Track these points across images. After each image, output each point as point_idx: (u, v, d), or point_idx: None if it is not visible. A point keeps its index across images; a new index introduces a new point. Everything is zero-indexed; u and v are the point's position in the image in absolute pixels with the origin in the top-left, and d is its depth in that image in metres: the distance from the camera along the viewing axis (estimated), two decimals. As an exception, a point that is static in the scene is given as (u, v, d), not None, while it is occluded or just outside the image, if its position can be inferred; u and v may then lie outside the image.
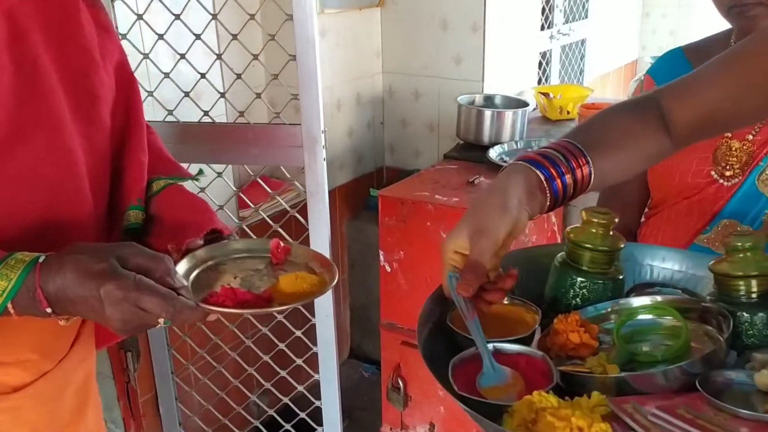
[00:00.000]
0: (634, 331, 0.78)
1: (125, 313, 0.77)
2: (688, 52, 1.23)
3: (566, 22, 3.44)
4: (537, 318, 0.81)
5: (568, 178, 0.78)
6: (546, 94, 2.68)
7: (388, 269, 2.08)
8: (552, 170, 0.77)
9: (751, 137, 1.12)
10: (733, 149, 1.13)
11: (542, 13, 3.09)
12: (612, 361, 0.72)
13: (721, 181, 1.15)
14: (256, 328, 2.00)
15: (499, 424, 0.64)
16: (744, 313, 0.75)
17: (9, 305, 0.77)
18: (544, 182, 0.77)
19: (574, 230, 0.87)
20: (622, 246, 0.86)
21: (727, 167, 1.13)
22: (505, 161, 2.22)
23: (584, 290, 0.86)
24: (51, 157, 0.87)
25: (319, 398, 2.00)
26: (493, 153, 2.23)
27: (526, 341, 0.78)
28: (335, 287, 1.16)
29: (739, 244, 0.76)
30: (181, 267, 0.88)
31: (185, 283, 0.83)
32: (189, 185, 1.72)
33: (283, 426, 2.07)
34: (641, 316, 0.79)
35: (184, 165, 1.75)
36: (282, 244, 0.96)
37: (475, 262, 0.75)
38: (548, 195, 0.78)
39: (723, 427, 0.54)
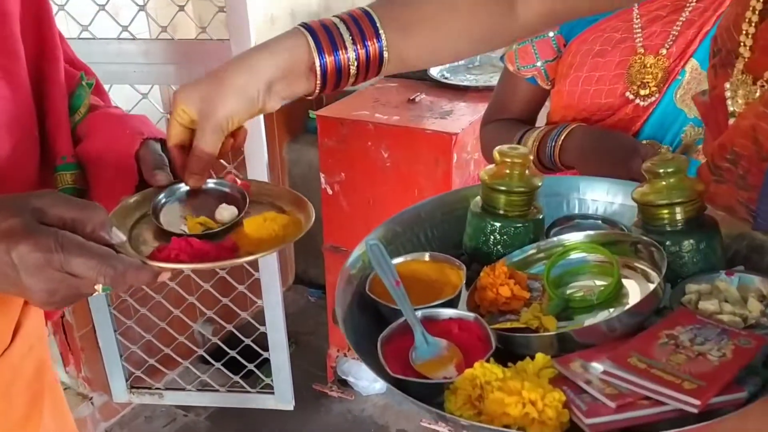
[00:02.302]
0: (563, 273, 0.73)
1: (50, 281, 0.60)
2: None
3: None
4: (462, 275, 0.74)
5: (343, 55, 0.68)
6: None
7: (330, 192, 2.03)
8: (325, 44, 0.67)
9: (665, 51, 1.06)
10: (648, 66, 1.06)
11: None
12: (547, 312, 0.67)
13: (637, 100, 1.08)
14: (194, 257, 1.94)
15: (440, 404, 0.58)
16: (671, 242, 0.71)
17: None
18: (316, 57, 0.67)
19: (488, 172, 0.80)
20: (540, 184, 0.79)
21: (643, 85, 1.07)
22: (446, 77, 2.17)
23: (505, 236, 0.79)
24: None
25: (264, 324, 1.98)
26: (434, 70, 2.17)
27: (453, 302, 0.71)
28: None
29: (662, 170, 0.70)
30: (118, 217, 0.71)
31: (124, 238, 0.65)
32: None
33: (229, 353, 2.05)
34: (569, 257, 0.74)
35: (105, 87, 1.65)
36: (238, 180, 0.79)
37: (200, 152, 0.69)
38: (317, 75, 0.68)
39: (676, 374, 0.52)
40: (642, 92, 1.07)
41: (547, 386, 0.54)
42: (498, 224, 0.79)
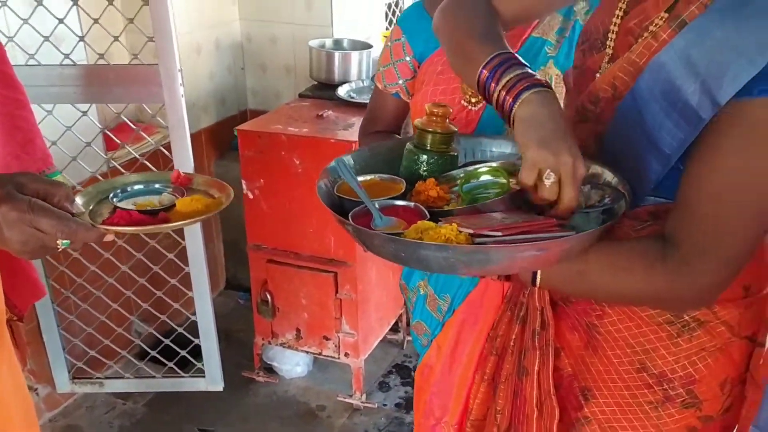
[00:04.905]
0: (474, 187, 1.02)
1: (23, 234, 0.80)
2: (426, 2, 1.47)
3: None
4: (403, 184, 1.01)
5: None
6: (391, 38, 2.97)
7: (251, 196, 2.32)
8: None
9: None
10: None
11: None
12: (461, 205, 0.97)
13: (469, 107, 1.35)
14: (131, 256, 2.20)
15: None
16: None
17: None
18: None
19: (421, 120, 1.09)
20: (455, 130, 1.09)
21: (473, 94, 1.34)
22: (353, 97, 2.50)
23: (431, 165, 1.05)
24: None
25: (194, 314, 2.24)
26: (342, 90, 2.50)
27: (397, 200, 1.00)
28: (207, 224, 1.28)
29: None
30: (81, 197, 0.91)
31: (83, 210, 0.87)
32: (54, 124, 1.87)
33: (163, 341, 2.30)
34: (480, 178, 1.02)
35: (48, 106, 1.92)
36: (182, 174, 1.01)
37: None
38: None
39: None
40: (473, 100, 1.40)
41: (458, 232, 0.84)
42: (425, 156, 1.05)
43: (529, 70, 0.92)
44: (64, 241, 0.82)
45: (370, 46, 2.68)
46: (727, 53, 0.81)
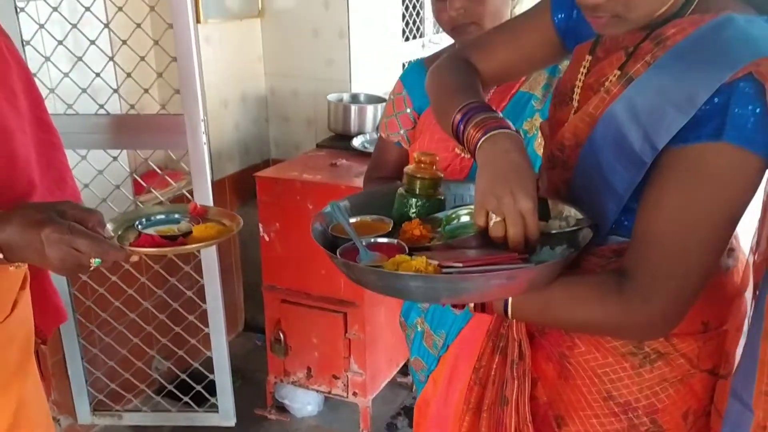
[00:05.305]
0: (455, 227, 1.11)
1: (62, 252, 0.93)
2: (426, 61, 1.62)
3: (437, 32, 3.92)
4: (390, 224, 1.10)
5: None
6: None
7: (267, 239, 2.45)
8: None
9: None
10: None
11: (406, 26, 3.55)
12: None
13: (462, 154, 1.45)
14: (153, 293, 2.33)
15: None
16: None
17: None
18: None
19: (409, 167, 1.19)
20: (441, 176, 1.19)
21: None
22: (366, 147, 2.64)
23: (419, 208, 1.14)
24: None
25: (210, 350, 2.35)
26: (356, 141, 2.65)
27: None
28: (228, 268, 1.38)
29: None
30: (111, 224, 1.06)
31: (112, 234, 1.02)
32: (87, 168, 2.04)
33: (180, 376, 2.41)
34: (461, 219, 1.12)
35: (83, 151, 2.08)
36: (199, 205, 1.17)
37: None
38: None
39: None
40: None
41: (428, 264, 0.93)
42: (414, 200, 1.15)
43: (499, 115, 1.03)
44: (97, 260, 0.95)
45: (384, 101, 2.83)
46: (663, 104, 0.91)
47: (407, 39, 3.61)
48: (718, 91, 0.87)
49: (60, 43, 2.00)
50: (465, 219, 1.11)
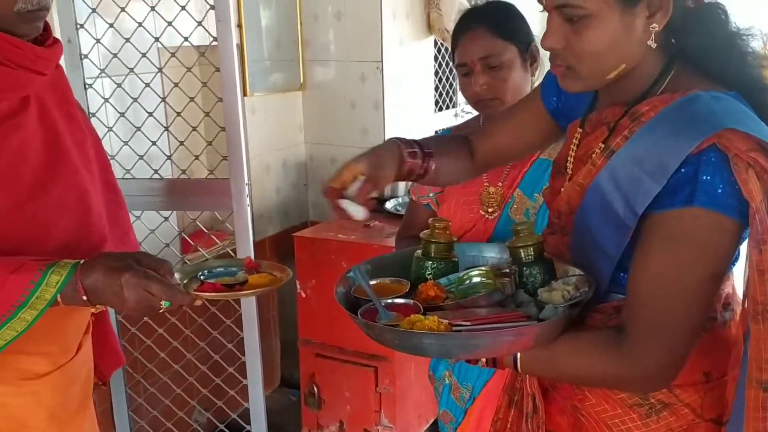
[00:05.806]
0: (467, 287, 1.20)
1: (138, 295, 1.06)
2: (454, 129, 1.76)
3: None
4: (407, 285, 1.19)
5: (418, 163, 1.20)
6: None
7: (303, 295, 2.59)
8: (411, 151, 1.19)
9: (500, 183, 1.58)
10: (491, 193, 1.60)
11: (439, 96, 3.75)
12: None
13: (486, 216, 1.58)
14: (196, 345, 2.47)
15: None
16: (526, 268, 1.17)
17: (58, 295, 1.06)
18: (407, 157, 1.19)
19: (425, 233, 1.29)
20: (455, 240, 1.30)
21: (489, 206, 1.59)
22: (398, 210, 2.79)
23: (434, 270, 1.22)
24: (72, 193, 1.24)
25: (247, 401, 2.46)
26: (389, 204, 2.81)
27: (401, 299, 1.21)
28: (267, 324, 1.49)
29: (520, 227, 1.20)
30: (177, 273, 1.20)
31: (179, 282, 1.17)
32: (140, 227, 2.23)
33: (218, 426, 2.52)
34: (472, 280, 1.21)
35: (137, 212, 2.28)
36: (252, 260, 1.33)
37: (370, 188, 1.16)
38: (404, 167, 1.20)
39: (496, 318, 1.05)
40: (489, 210, 1.64)
41: (440, 323, 1.03)
42: (429, 262, 1.24)
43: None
44: (166, 302, 1.09)
45: (417, 166, 2.99)
46: (639, 174, 1.01)
47: (440, 109, 3.80)
48: (686, 161, 0.96)
49: (122, 114, 2.23)
50: (476, 279, 1.20)
